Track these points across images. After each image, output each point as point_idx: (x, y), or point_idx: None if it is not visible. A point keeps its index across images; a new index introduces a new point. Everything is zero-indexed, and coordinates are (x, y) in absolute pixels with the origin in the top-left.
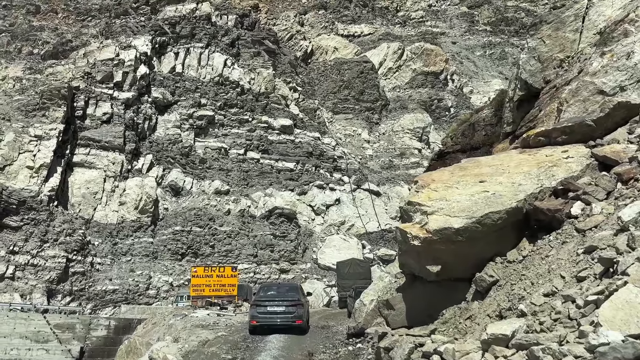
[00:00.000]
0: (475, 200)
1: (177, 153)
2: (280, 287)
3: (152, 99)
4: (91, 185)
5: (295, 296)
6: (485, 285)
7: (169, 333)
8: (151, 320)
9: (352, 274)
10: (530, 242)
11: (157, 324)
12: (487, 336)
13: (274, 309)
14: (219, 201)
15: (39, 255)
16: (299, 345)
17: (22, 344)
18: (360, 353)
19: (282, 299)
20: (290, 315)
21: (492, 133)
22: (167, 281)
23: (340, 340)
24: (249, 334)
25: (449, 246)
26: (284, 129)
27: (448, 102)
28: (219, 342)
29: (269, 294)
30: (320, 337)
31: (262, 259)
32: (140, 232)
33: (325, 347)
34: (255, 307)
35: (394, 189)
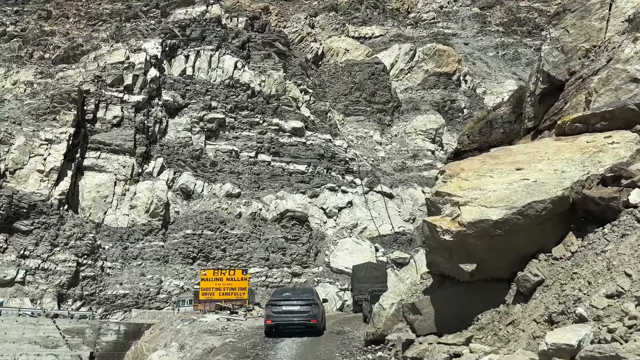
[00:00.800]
0: (514, 189)
1: (188, 156)
2: (295, 290)
3: (163, 102)
4: (101, 189)
5: (310, 297)
6: (529, 286)
7: (176, 339)
8: (159, 325)
9: (368, 277)
10: (578, 236)
11: (165, 329)
12: (546, 347)
13: (289, 309)
14: (230, 204)
15: (50, 259)
16: (313, 353)
17: (31, 350)
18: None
19: (297, 299)
20: (305, 314)
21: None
22: (178, 285)
23: (357, 347)
24: (265, 334)
25: (486, 241)
26: (295, 131)
27: (461, 103)
28: (226, 349)
29: (284, 295)
30: (336, 344)
31: (273, 262)
32: (151, 235)
33: (342, 355)
34: (271, 307)
35: (407, 191)
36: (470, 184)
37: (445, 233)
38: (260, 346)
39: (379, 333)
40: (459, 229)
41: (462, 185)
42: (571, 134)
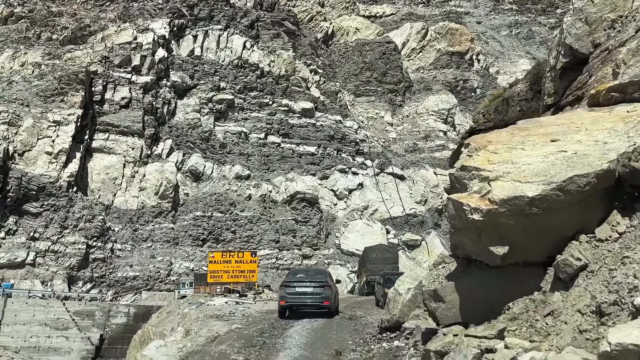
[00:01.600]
0: (551, 162)
1: (197, 138)
2: (308, 271)
3: (171, 82)
4: (110, 171)
5: (323, 278)
6: (570, 272)
7: (183, 323)
8: (166, 308)
9: (380, 258)
10: (625, 215)
11: (172, 313)
12: (609, 347)
13: (303, 290)
14: (239, 186)
15: (59, 241)
16: (325, 340)
17: (42, 331)
18: (399, 353)
19: (311, 281)
20: (318, 295)
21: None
22: (188, 267)
23: (371, 334)
24: (278, 315)
25: (520, 221)
26: (305, 112)
27: (474, 83)
28: (231, 337)
29: (297, 276)
30: (349, 330)
31: (284, 244)
32: (160, 217)
33: (355, 344)
34: (284, 288)
35: (418, 173)
36: (501, 157)
37: (474, 212)
38: (268, 333)
39: (394, 320)
40: (489, 207)
41: (492, 159)
42: (606, 104)
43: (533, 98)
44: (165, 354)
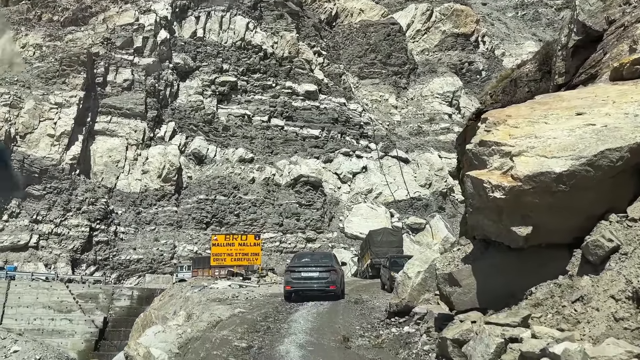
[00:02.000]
0: (579, 136)
1: (200, 120)
2: (314, 255)
3: (173, 64)
4: (113, 154)
5: (329, 263)
6: (601, 254)
7: (185, 307)
8: (168, 292)
9: (384, 242)
10: None
11: (174, 296)
12: None
13: (308, 275)
14: (243, 169)
15: (62, 224)
16: (331, 325)
17: (45, 314)
18: (410, 340)
19: (316, 265)
20: (324, 280)
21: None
22: (192, 250)
23: (379, 319)
24: (284, 298)
25: (545, 199)
26: (309, 95)
27: (479, 65)
28: (234, 322)
29: (303, 260)
30: (355, 315)
31: (287, 227)
32: (164, 200)
33: (363, 329)
34: (290, 273)
35: (423, 156)
36: (523, 132)
37: (495, 189)
38: (272, 318)
39: (403, 304)
40: (512, 184)
41: (513, 133)
42: (630, 77)
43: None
44: (163, 340)
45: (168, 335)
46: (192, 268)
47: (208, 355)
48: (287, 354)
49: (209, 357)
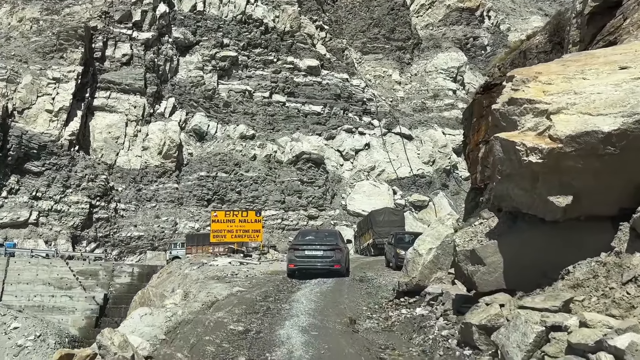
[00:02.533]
0: (630, 90)
1: (200, 96)
2: (318, 233)
3: (173, 39)
4: (113, 130)
5: (334, 241)
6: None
7: (183, 284)
8: (166, 269)
9: (387, 221)
10: None
11: (173, 274)
12: None
13: (312, 253)
14: (244, 146)
15: (62, 200)
16: (335, 306)
17: (45, 291)
18: (425, 324)
19: (321, 244)
20: (328, 259)
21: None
22: (193, 227)
23: (386, 298)
24: (287, 276)
25: (590, 163)
26: (311, 70)
27: (484, 40)
28: (231, 302)
29: (307, 238)
30: (361, 294)
31: (289, 205)
32: (164, 177)
33: (370, 310)
34: (293, 251)
35: (426, 133)
36: (559, 88)
37: (531, 153)
38: (273, 297)
39: (413, 283)
40: (551, 146)
41: (548, 90)
42: None
43: (552, 50)
44: (150, 324)
45: (156, 318)
46: (186, 245)
47: (199, 342)
48: (288, 340)
49: (200, 344)
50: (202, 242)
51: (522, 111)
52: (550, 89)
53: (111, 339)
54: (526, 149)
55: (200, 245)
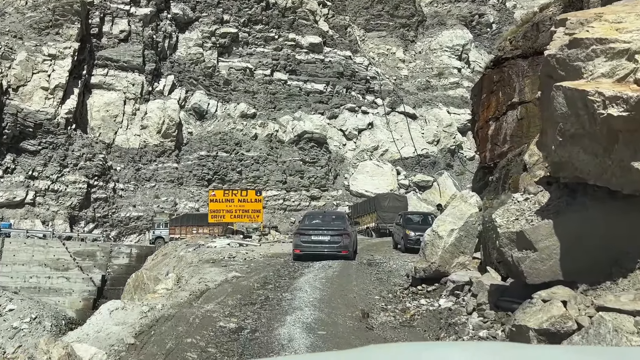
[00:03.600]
0: None
1: (200, 74)
2: (325, 216)
3: (172, 15)
4: (111, 108)
5: (342, 225)
6: None
7: (179, 267)
8: (162, 250)
9: (391, 207)
10: None
11: (168, 256)
12: None
13: (319, 238)
14: (245, 125)
15: (59, 180)
16: (344, 295)
17: (41, 272)
18: (454, 320)
19: (328, 228)
20: (335, 245)
21: None
22: (193, 207)
23: (401, 286)
24: (293, 259)
25: None
26: (313, 47)
27: (490, 18)
28: (224, 291)
29: (313, 222)
30: (371, 280)
31: (291, 185)
32: (164, 157)
33: (384, 300)
34: (299, 236)
35: (431, 112)
36: (637, 25)
37: (611, 104)
38: (272, 284)
39: (432, 269)
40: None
41: (623, 27)
42: None
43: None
44: (121, 321)
45: (129, 314)
46: (170, 225)
47: (178, 346)
48: (289, 342)
49: (179, 349)
50: (186, 223)
51: (589, 54)
52: (625, 27)
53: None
54: (603, 99)
55: (184, 226)
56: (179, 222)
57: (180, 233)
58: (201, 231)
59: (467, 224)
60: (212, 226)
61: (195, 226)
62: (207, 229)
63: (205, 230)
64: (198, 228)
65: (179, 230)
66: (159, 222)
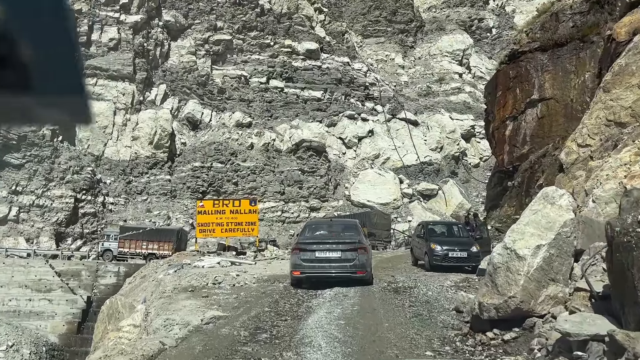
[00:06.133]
0: None
1: (194, 82)
2: (332, 226)
3: (164, 22)
4: (100, 119)
5: (355, 237)
6: None
7: (156, 293)
8: (141, 272)
9: (379, 224)
10: None
11: (147, 278)
12: None
13: (326, 256)
14: (240, 134)
15: (45, 195)
16: (379, 351)
17: (22, 294)
18: None
19: (337, 241)
20: (348, 263)
21: (584, 23)
22: (187, 222)
23: (455, 329)
24: (291, 286)
25: None
26: (310, 54)
27: (490, 22)
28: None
29: (317, 234)
30: (407, 318)
31: (290, 196)
32: (156, 169)
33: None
34: (299, 253)
35: (433, 118)
36: None
37: None
38: (267, 332)
39: (511, 308)
40: None
41: None
42: None
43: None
44: None
45: None
46: (120, 238)
47: None
48: None
49: None
50: (137, 236)
51: None
52: None
53: None
54: None
55: (134, 240)
56: (129, 235)
57: (129, 247)
58: (150, 247)
59: (560, 238)
60: (162, 241)
61: (145, 241)
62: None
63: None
64: (148, 243)
65: (128, 244)
66: (110, 233)
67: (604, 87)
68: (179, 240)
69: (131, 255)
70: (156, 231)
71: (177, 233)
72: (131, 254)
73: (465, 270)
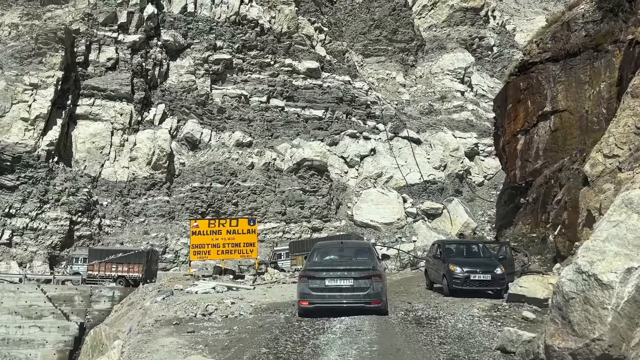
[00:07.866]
0: None
1: (193, 102)
2: (344, 249)
3: (162, 42)
4: (97, 139)
5: (369, 262)
6: None
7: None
8: (128, 299)
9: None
10: None
11: (134, 306)
12: None
13: (337, 284)
14: (240, 154)
15: (39, 217)
16: None
17: (11, 321)
18: None
19: (349, 268)
20: (362, 292)
21: (597, 32)
22: (185, 244)
23: None
24: (298, 315)
25: None
26: (310, 73)
27: (490, 41)
28: None
29: (327, 258)
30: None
31: (291, 216)
32: (154, 190)
33: None
34: (307, 281)
35: (436, 136)
36: None
37: None
38: None
39: (595, 355)
40: None
41: None
42: None
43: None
44: None
45: None
46: (88, 261)
47: None
48: None
49: None
50: (105, 258)
51: None
52: None
53: None
54: None
55: (103, 263)
56: (97, 257)
57: (99, 270)
58: (120, 269)
59: None
60: (132, 263)
61: (114, 263)
62: (127, 266)
63: (125, 267)
64: (118, 265)
65: (97, 267)
66: (78, 256)
67: (632, 92)
68: (149, 261)
69: (101, 278)
70: (125, 253)
71: (147, 254)
72: (101, 277)
73: (488, 294)
